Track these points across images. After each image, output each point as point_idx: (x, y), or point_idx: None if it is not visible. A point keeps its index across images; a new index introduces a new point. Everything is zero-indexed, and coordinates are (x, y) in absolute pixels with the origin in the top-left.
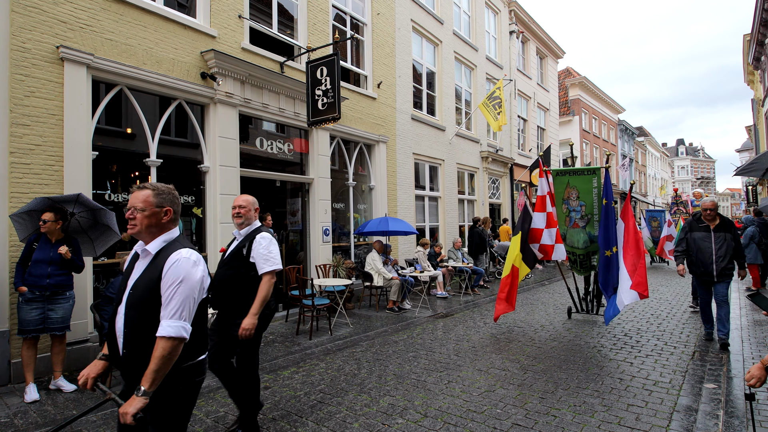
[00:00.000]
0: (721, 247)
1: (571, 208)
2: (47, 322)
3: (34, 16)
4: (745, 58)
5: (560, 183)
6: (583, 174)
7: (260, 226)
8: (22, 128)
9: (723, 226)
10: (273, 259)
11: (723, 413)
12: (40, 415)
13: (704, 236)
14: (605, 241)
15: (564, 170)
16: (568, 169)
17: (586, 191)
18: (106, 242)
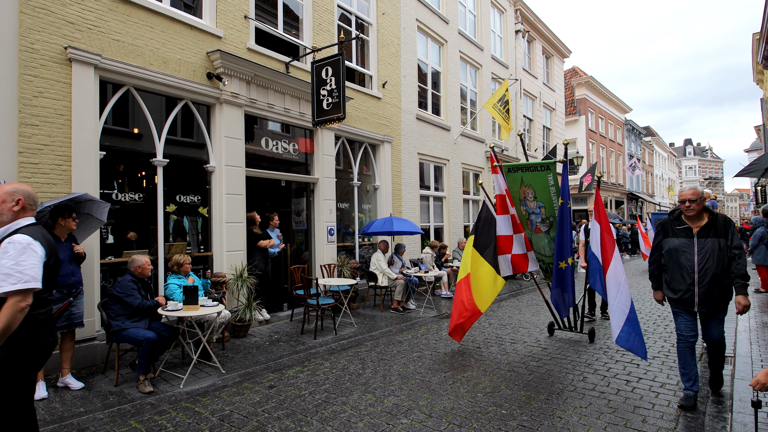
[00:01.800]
0: (708, 260)
1: (529, 210)
2: (72, 317)
3: (42, 17)
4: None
5: (514, 181)
6: (536, 170)
7: (24, 227)
8: (31, 128)
9: (713, 227)
10: (19, 274)
11: (731, 416)
12: (48, 412)
13: (683, 244)
14: (559, 250)
15: (516, 166)
16: (520, 165)
17: (543, 190)
18: (87, 230)
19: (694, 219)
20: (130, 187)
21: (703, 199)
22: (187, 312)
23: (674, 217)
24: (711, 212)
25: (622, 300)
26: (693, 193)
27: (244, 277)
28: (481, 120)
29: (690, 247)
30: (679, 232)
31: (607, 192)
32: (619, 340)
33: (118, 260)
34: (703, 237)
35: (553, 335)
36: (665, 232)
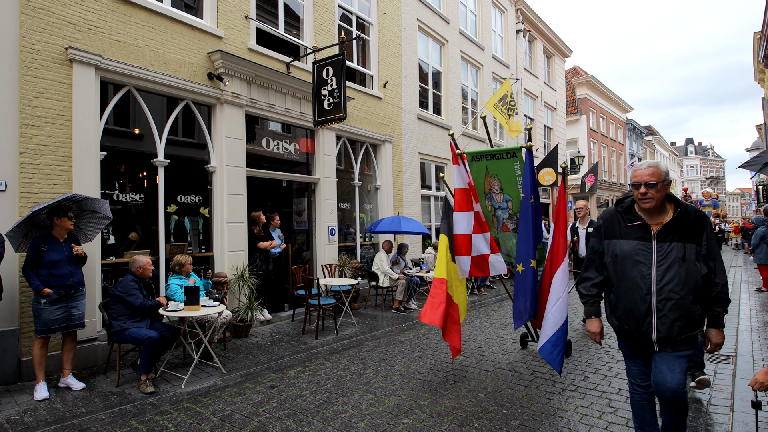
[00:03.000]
0: (670, 272)
1: (495, 204)
2: (71, 318)
3: (43, 18)
4: (756, 56)
5: (478, 170)
6: (502, 157)
7: None
8: (32, 129)
9: (681, 226)
10: None
11: (731, 415)
12: (50, 412)
13: (636, 250)
14: (519, 251)
15: (480, 153)
16: (485, 152)
17: (510, 181)
18: (97, 226)
19: (653, 212)
20: (131, 188)
21: (667, 183)
22: (189, 312)
23: (624, 208)
24: (679, 203)
25: (558, 311)
26: (652, 172)
27: (246, 277)
28: (481, 119)
29: (646, 255)
30: (630, 232)
31: (608, 191)
32: (542, 351)
33: (120, 261)
34: (665, 240)
35: (526, 348)
36: (609, 230)
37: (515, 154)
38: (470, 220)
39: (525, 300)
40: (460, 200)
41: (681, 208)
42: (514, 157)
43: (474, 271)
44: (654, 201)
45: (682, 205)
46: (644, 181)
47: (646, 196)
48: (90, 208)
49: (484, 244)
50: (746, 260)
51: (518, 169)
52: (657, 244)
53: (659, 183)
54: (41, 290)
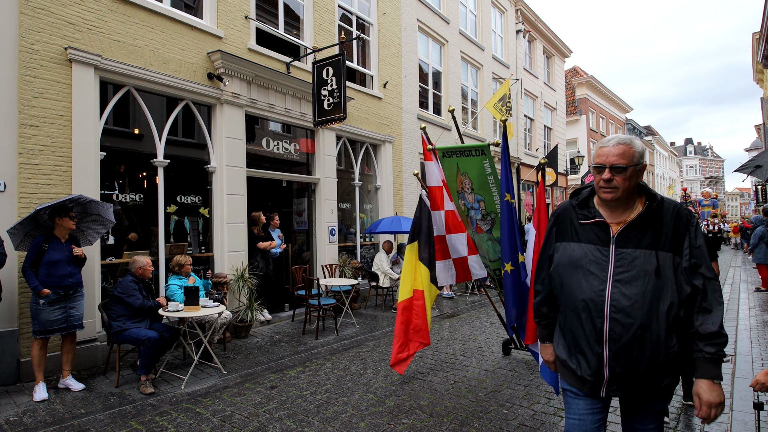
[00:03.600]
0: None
1: (468, 204)
2: (70, 319)
3: (42, 18)
4: (755, 56)
5: (450, 168)
6: (470, 154)
7: None
8: (31, 129)
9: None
10: None
11: (731, 414)
12: (49, 413)
13: (588, 256)
14: (504, 250)
15: (450, 149)
16: (455, 148)
17: (480, 179)
18: (99, 230)
19: (616, 207)
20: (130, 188)
21: (641, 168)
22: (188, 313)
23: (579, 200)
24: (653, 195)
25: None
26: (622, 152)
27: (245, 277)
28: (482, 120)
29: (601, 266)
30: (584, 233)
31: None
32: (542, 371)
33: (119, 261)
34: (628, 244)
35: (509, 355)
36: (561, 229)
37: (484, 151)
38: (442, 220)
39: (511, 304)
40: (435, 198)
41: (652, 202)
42: (483, 154)
43: (459, 275)
44: (619, 192)
45: (653, 197)
46: (610, 163)
47: (610, 185)
48: (94, 212)
49: (461, 244)
50: (745, 260)
51: (488, 168)
52: (616, 250)
53: (630, 167)
54: (40, 290)
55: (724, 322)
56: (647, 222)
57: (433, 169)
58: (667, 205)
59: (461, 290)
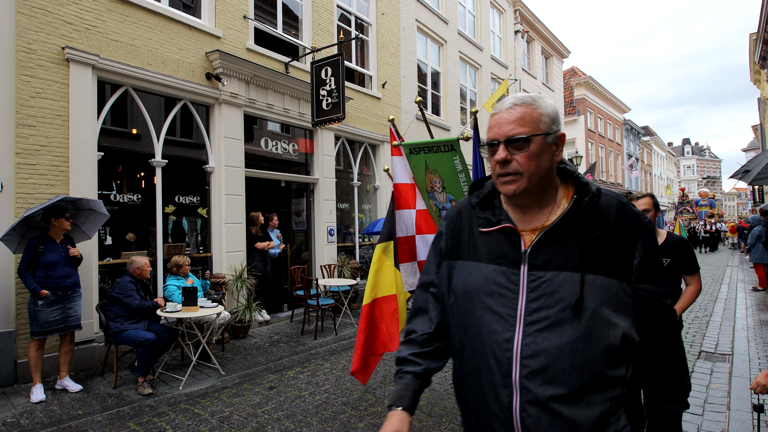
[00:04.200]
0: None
1: (439, 204)
2: (68, 320)
3: (39, 17)
4: (751, 57)
5: (418, 165)
6: (439, 150)
7: None
8: (28, 129)
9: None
10: None
11: (728, 413)
12: (46, 415)
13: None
14: None
15: (418, 145)
16: (422, 143)
17: (451, 178)
18: (95, 223)
19: (528, 204)
20: (128, 188)
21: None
22: (187, 313)
23: (480, 198)
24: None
25: None
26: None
27: (244, 277)
28: (481, 120)
29: (506, 298)
30: (484, 246)
31: None
32: None
33: (117, 261)
34: (547, 265)
35: None
36: (455, 241)
37: (453, 146)
38: (412, 219)
39: None
40: (403, 196)
41: (585, 196)
42: (452, 150)
43: None
44: (524, 180)
45: (590, 191)
46: (504, 134)
47: (507, 169)
48: (86, 207)
49: None
50: (742, 259)
51: (458, 164)
52: (529, 273)
53: (534, 137)
54: (39, 291)
55: (722, 321)
56: (574, 227)
57: (402, 166)
58: (606, 201)
59: None
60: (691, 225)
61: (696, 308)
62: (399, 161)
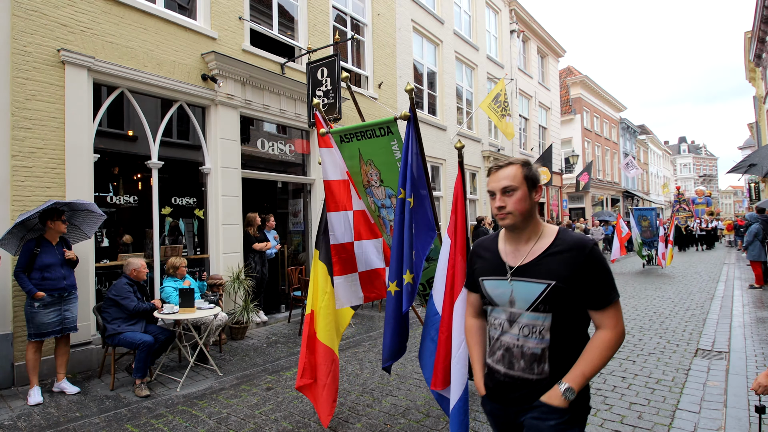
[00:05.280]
0: None
1: (378, 202)
2: (65, 322)
3: (35, 19)
4: (746, 55)
5: (351, 156)
6: (374, 135)
7: None
8: (24, 131)
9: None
10: None
11: (725, 411)
12: (44, 417)
13: None
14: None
15: (349, 131)
16: (353, 129)
17: (389, 168)
18: (93, 223)
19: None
20: (124, 190)
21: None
22: (184, 315)
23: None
24: None
25: (462, 359)
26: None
27: (241, 279)
28: (477, 120)
29: None
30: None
31: (603, 190)
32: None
33: (113, 263)
34: None
35: None
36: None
37: (389, 129)
38: (349, 222)
39: (393, 331)
40: (336, 195)
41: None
42: (388, 133)
43: (368, 292)
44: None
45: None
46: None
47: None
48: (82, 208)
49: (375, 254)
50: (739, 257)
51: (396, 151)
52: None
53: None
54: (35, 293)
55: (719, 319)
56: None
57: (333, 158)
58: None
59: None
60: (687, 223)
61: (693, 306)
62: (328, 154)
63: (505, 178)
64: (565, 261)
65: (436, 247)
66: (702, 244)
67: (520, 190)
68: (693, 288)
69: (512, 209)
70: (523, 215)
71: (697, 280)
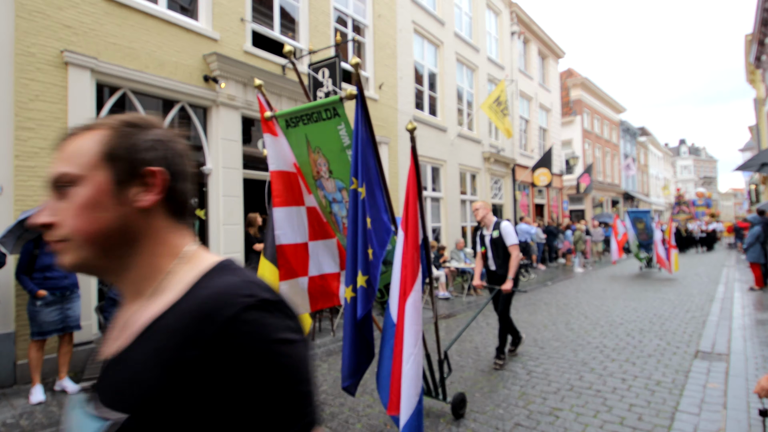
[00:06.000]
0: None
1: (329, 196)
2: (67, 321)
3: (38, 21)
4: (747, 57)
5: (298, 143)
6: (320, 118)
7: None
8: (27, 132)
9: None
10: None
11: (725, 413)
12: (46, 416)
13: None
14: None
15: (293, 114)
16: (298, 111)
17: (337, 156)
18: None
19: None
20: None
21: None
22: None
23: None
24: None
25: (414, 369)
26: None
27: None
28: (477, 121)
29: None
30: None
31: (603, 192)
32: None
33: None
34: None
35: None
36: None
37: (336, 110)
38: (302, 220)
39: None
40: (283, 189)
41: None
42: (335, 116)
43: (315, 300)
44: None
45: None
46: None
47: None
48: None
49: (328, 256)
50: (739, 259)
51: (345, 137)
52: None
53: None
54: (36, 292)
55: (719, 321)
56: None
57: (280, 147)
58: None
59: (457, 291)
60: (686, 225)
61: (693, 308)
62: (274, 142)
63: (63, 161)
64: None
65: (393, 247)
66: (702, 246)
67: (89, 185)
68: (693, 290)
69: (70, 230)
70: (95, 242)
71: (697, 282)
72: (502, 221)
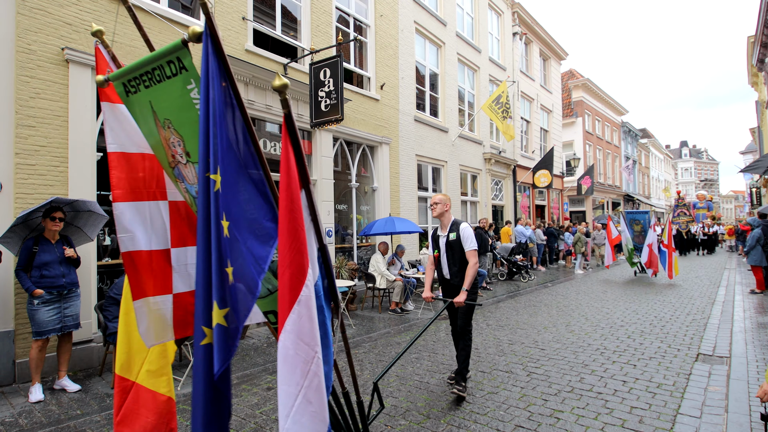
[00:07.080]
0: None
1: (191, 189)
2: (65, 320)
3: (39, 18)
4: (749, 59)
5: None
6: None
7: None
8: (28, 129)
9: None
10: None
11: (726, 416)
12: (45, 414)
13: None
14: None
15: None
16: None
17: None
18: (95, 225)
19: None
20: None
21: None
22: None
23: None
24: None
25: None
26: None
27: None
28: (478, 121)
29: None
30: None
31: (604, 193)
32: None
33: (115, 262)
34: None
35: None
36: None
37: (182, 63)
38: (162, 219)
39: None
40: (128, 177)
41: None
42: (182, 70)
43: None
44: None
45: None
46: None
47: None
48: (84, 209)
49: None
50: (740, 262)
51: (197, 101)
52: None
53: None
54: (33, 291)
55: (720, 324)
56: None
57: (123, 121)
58: None
59: None
60: (687, 228)
61: (694, 310)
62: (114, 113)
63: None
64: None
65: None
66: (703, 248)
67: None
68: (694, 293)
69: None
70: None
71: (698, 285)
72: (461, 222)
